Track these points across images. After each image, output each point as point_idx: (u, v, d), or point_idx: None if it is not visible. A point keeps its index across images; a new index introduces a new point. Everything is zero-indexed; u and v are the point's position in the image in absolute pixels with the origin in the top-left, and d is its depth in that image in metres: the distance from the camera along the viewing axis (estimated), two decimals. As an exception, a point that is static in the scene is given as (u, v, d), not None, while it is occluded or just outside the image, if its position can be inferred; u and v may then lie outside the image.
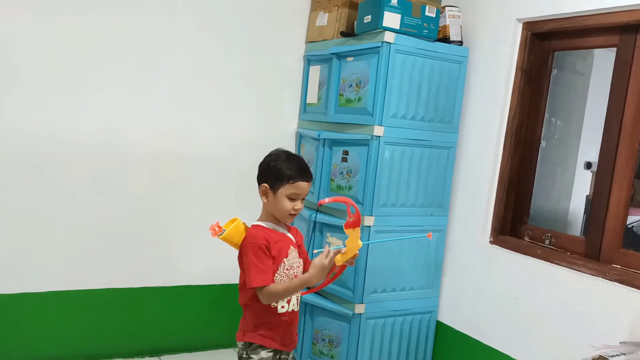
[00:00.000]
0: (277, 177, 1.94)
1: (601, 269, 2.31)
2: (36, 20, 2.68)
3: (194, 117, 3.09)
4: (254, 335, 1.96)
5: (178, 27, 2.99)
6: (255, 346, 1.96)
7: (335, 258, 1.96)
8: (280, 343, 1.99)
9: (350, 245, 1.90)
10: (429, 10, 2.74)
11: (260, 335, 1.96)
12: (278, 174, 1.94)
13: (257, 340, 1.96)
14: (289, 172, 1.93)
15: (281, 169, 1.94)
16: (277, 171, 1.94)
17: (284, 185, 1.93)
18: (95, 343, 2.99)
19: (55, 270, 2.85)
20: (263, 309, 1.94)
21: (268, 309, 1.94)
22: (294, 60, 3.33)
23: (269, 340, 1.96)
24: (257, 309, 1.94)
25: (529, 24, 2.70)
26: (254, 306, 1.94)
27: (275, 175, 1.94)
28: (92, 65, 2.82)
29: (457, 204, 2.99)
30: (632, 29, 2.34)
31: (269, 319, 1.96)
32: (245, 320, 2.00)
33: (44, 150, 2.76)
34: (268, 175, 1.96)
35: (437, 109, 2.85)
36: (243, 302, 1.99)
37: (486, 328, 2.79)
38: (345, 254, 1.93)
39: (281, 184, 1.93)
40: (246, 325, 1.98)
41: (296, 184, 1.94)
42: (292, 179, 1.93)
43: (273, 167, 1.95)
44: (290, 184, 1.93)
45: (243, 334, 1.98)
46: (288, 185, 1.93)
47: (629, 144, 2.35)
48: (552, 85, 2.81)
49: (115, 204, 2.95)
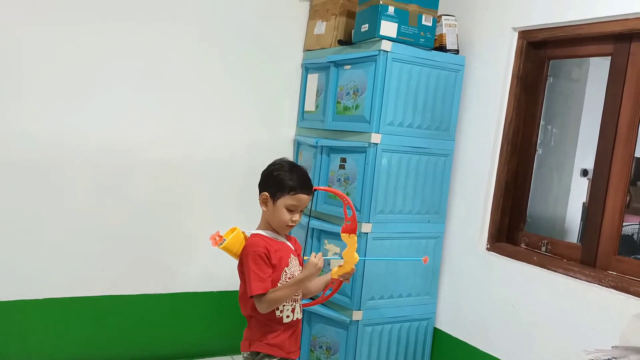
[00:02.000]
0: (278, 187, 1.94)
1: (597, 276, 2.33)
2: (41, 28, 2.71)
3: (194, 124, 3.11)
4: (261, 345, 1.95)
5: (179, 36, 3.02)
6: (263, 355, 1.95)
7: (332, 271, 1.98)
8: (287, 351, 1.98)
9: (348, 257, 1.91)
10: (426, 19, 2.77)
11: (268, 345, 1.95)
12: (279, 183, 1.94)
13: (264, 350, 1.95)
14: (290, 183, 1.93)
15: (283, 179, 1.94)
16: (279, 181, 1.94)
17: (285, 195, 1.93)
18: (95, 349, 2.99)
19: (55, 277, 2.86)
20: (269, 319, 1.94)
21: (274, 318, 1.94)
22: (292, 68, 3.36)
23: (276, 350, 1.95)
24: (262, 319, 1.94)
25: (524, 33, 2.73)
26: (259, 316, 1.93)
27: (277, 184, 1.94)
28: (95, 72, 2.84)
29: (454, 211, 3.00)
30: (625, 38, 2.37)
31: (275, 328, 1.95)
32: (251, 330, 1.98)
33: (46, 155, 2.78)
34: (270, 184, 1.96)
35: (433, 117, 2.87)
36: (247, 313, 1.98)
37: (483, 334, 2.79)
38: (342, 266, 1.95)
39: (282, 194, 1.93)
40: (252, 335, 1.97)
41: (297, 196, 1.94)
42: (293, 190, 1.93)
43: (276, 177, 1.95)
44: (290, 195, 1.93)
45: (249, 344, 1.97)
46: (288, 197, 1.93)
47: (624, 150, 2.37)
48: (548, 93, 2.84)
49: (115, 210, 2.96)
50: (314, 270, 1.90)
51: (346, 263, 1.93)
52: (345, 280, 2.06)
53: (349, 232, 1.90)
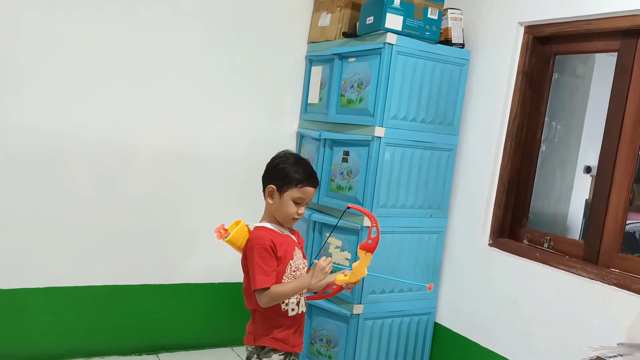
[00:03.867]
0: (285, 180, 1.92)
1: (599, 273, 2.32)
2: (41, 19, 2.69)
3: (196, 116, 3.10)
4: (266, 339, 1.94)
5: (181, 27, 3.00)
6: (268, 349, 1.94)
7: (337, 276, 1.97)
8: (292, 345, 1.98)
9: (357, 270, 1.90)
10: (431, 13, 2.75)
11: (273, 339, 1.94)
12: (286, 176, 1.92)
13: (270, 344, 1.94)
14: (297, 176, 1.92)
15: (290, 172, 1.92)
16: (286, 174, 1.93)
17: (292, 188, 1.92)
18: (94, 339, 2.99)
19: (55, 266, 2.85)
20: (274, 312, 1.93)
21: (279, 312, 1.93)
22: (296, 60, 3.34)
23: (281, 344, 1.94)
24: (267, 313, 1.93)
25: (530, 28, 2.71)
26: (264, 311, 1.92)
27: (283, 177, 1.93)
28: (96, 64, 2.82)
29: (456, 206, 2.99)
30: (633, 34, 2.35)
31: (281, 322, 1.94)
32: (255, 324, 1.97)
33: (47, 147, 2.77)
34: (276, 177, 1.95)
35: (437, 111, 2.85)
36: (251, 306, 1.96)
37: (484, 330, 2.79)
38: (349, 277, 1.94)
39: (289, 187, 1.92)
40: (257, 329, 1.96)
41: (304, 189, 1.93)
42: (300, 183, 1.92)
43: (282, 170, 1.94)
44: (297, 188, 1.92)
45: (254, 338, 1.96)
46: (295, 189, 1.92)
47: (629, 147, 2.36)
48: (553, 89, 2.82)
49: (116, 201, 2.95)
50: (321, 276, 1.89)
51: (353, 275, 1.93)
52: (347, 289, 2.06)
53: (367, 250, 1.89)
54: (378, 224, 1.88)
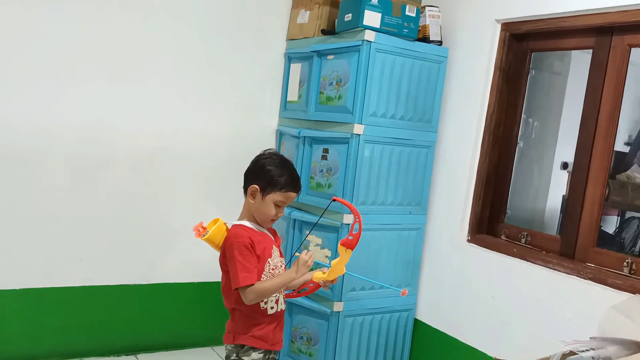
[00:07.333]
0: (270, 182, 1.92)
1: (575, 268, 2.35)
2: (17, 15, 2.64)
3: (174, 113, 3.07)
4: (245, 337, 1.93)
5: (158, 24, 2.97)
6: (247, 348, 1.94)
7: (315, 274, 1.97)
8: (271, 343, 1.98)
9: (335, 268, 1.91)
10: (409, 10, 2.76)
11: (252, 337, 1.93)
12: (271, 179, 1.92)
13: (249, 342, 1.94)
14: (282, 180, 1.91)
15: (275, 175, 1.92)
16: (271, 177, 1.92)
17: (275, 192, 1.91)
18: (72, 341, 2.95)
19: (32, 267, 2.80)
20: (253, 311, 1.92)
21: (258, 310, 1.93)
22: (275, 58, 3.32)
23: (260, 342, 1.94)
24: (247, 311, 1.92)
25: (507, 25, 2.73)
26: (243, 309, 1.91)
27: (269, 180, 1.92)
28: (73, 60, 2.78)
29: (435, 203, 3.01)
30: (607, 31, 2.38)
31: (260, 321, 1.94)
32: (235, 323, 1.96)
33: (22, 145, 2.72)
34: (261, 177, 1.93)
35: (416, 108, 2.86)
36: (230, 305, 1.96)
37: (463, 326, 2.81)
38: (327, 274, 1.94)
39: (272, 190, 1.91)
40: (236, 327, 1.95)
41: (287, 194, 1.93)
42: (284, 187, 1.92)
43: (268, 172, 1.93)
44: (281, 192, 1.92)
45: (233, 336, 1.95)
46: (279, 193, 1.92)
47: (604, 143, 2.39)
48: (530, 86, 2.85)
49: (93, 200, 2.91)
50: (304, 269, 1.89)
51: (332, 272, 1.93)
52: (324, 287, 2.06)
53: (347, 246, 1.89)
54: (361, 221, 1.88)
